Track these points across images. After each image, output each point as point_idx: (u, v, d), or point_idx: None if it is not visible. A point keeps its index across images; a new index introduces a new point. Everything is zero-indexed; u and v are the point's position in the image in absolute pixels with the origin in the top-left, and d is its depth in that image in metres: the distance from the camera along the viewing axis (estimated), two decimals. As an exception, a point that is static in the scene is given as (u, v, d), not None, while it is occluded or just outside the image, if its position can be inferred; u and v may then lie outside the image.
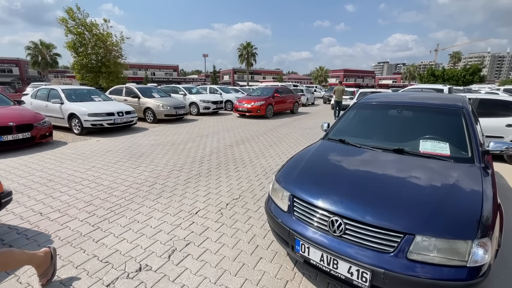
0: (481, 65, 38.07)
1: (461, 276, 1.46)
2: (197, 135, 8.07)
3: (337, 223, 1.77)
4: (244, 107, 12.07)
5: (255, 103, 11.90)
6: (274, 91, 12.90)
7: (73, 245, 2.52)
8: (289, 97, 14.18)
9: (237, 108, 12.40)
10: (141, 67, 57.45)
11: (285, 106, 13.81)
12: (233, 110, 12.95)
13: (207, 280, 2.13)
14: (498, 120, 5.54)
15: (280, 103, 13.28)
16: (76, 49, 16.89)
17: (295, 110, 14.66)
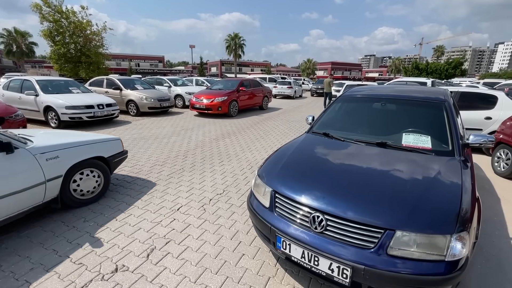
0: (462, 59, 39.18)
1: (439, 271, 1.46)
2: (182, 128, 7.88)
3: (319, 219, 1.73)
4: (202, 104, 9.79)
5: (215, 99, 9.69)
6: (238, 84, 10.74)
7: (45, 247, 2.38)
8: (257, 91, 12.05)
9: (194, 105, 10.05)
10: (125, 57, 55.40)
11: (252, 101, 11.68)
12: (189, 107, 10.51)
13: (186, 279, 2.06)
14: (477, 113, 5.70)
15: (247, 98, 11.17)
16: (52, 38, 16.03)
17: (265, 105, 12.73)
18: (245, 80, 11.64)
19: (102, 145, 3.30)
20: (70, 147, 2.90)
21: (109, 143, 3.41)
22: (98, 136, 3.40)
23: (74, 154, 2.92)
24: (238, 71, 59.28)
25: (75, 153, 2.93)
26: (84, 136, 3.32)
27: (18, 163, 2.41)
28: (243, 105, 11.05)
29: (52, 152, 2.70)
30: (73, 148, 2.92)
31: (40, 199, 2.63)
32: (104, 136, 3.44)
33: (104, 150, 3.29)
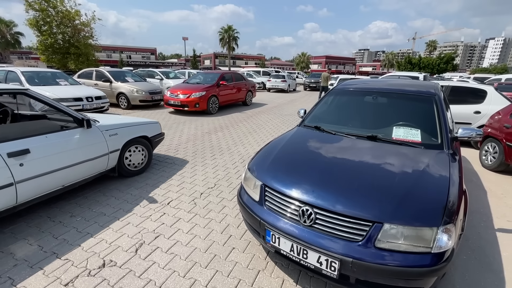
0: (454, 54, 39.65)
1: (425, 262, 1.47)
2: (174, 121, 7.77)
3: (308, 212, 1.72)
4: (178, 100, 8.65)
5: (192, 94, 8.55)
6: (219, 78, 9.69)
7: (30, 242, 2.32)
8: (240, 85, 10.93)
9: (168, 101, 8.89)
10: (116, 49, 54.09)
11: (235, 96, 10.66)
12: (164, 103, 9.35)
13: (175, 273, 2.04)
14: (467, 107, 5.78)
15: (228, 93, 10.13)
16: (39, 28, 15.46)
17: (248, 101, 11.67)
18: (226, 73, 10.43)
19: (147, 126, 3.92)
20: (125, 126, 3.55)
21: (151, 125, 4.03)
22: (142, 119, 4.06)
23: (127, 132, 3.56)
24: (232, 64, 58.65)
25: (128, 132, 3.58)
26: (133, 119, 3.99)
27: (92, 137, 3.06)
28: (224, 101, 9.98)
29: (113, 130, 3.34)
30: (126, 128, 3.56)
31: (104, 167, 3.28)
32: (148, 120, 4.11)
33: (148, 131, 3.93)
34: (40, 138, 2.58)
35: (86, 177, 3.09)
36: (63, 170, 2.73)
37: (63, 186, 2.83)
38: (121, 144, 3.45)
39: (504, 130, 4.19)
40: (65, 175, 2.78)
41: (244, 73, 19.80)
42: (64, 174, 2.76)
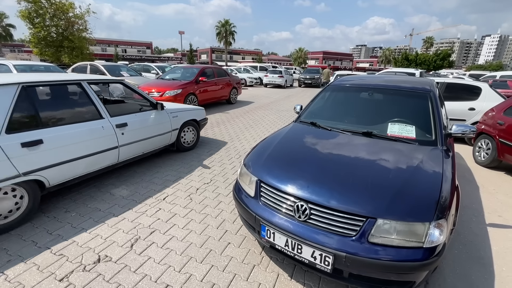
0: (450, 50, 39.84)
1: (417, 257, 1.50)
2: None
3: (302, 208, 1.73)
4: None
5: (166, 92, 7.41)
6: (198, 73, 8.54)
7: (24, 238, 2.31)
8: (223, 81, 9.78)
9: None
10: (111, 43, 53.30)
11: (217, 94, 9.52)
12: None
13: (171, 268, 2.05)
14: (462, 104, 5.82)
15: (209, 90, 8.96)
16: (31, 20, 15.17)
17: (233, 99, 10.59)
18: (207, 68, 9.32)
19: (196, 112, 4.83)
20: (182, 111, 4.46)
21: (199, 111, 4.94)
22: (193, 106, 4.99)
23: (183, 116, 4.46)
24: (228, 59, 58.21)
25: (184, 115, 4.47)
26: (185, 106, 4.94)
27: (162, 117, 4.00)
28: (205, 100, 8.73)
29: (175, 113, 4.26)
30: (183, 112, 4.47)
31: (168, 141, 4.23)
32: (196, 107, 5.00)
33: (197, 115, 4.83)
34: (133, 116, 3.53)
35: (156, 148, 4.03)
36: (145, 140, 3.68)
37: (143, 153, 3.77)
38: (179, 124, 4.37)
39: (498, 127, 4.24)
40: (146, 144, 3.73)
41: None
42: (145, 143, 3.71)
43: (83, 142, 2.87)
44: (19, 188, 2.43)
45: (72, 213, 2.72)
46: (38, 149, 2.48)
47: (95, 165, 3.08)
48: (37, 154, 2.47)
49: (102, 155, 3.08)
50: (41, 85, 2.76)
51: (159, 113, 3.94)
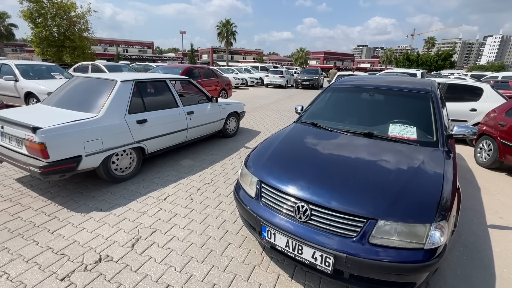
0: (452, 51, 39.74)
1: (418, 258, 1.50)
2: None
3: (303, 209, 1.74)
4: None
5: None
6: (181, 74, 7.58)
7: (25, 237, 2.32)
8: (210, 83, 8.95)
9: None
10: (112, 43, 53.42)
11: None
12: None
13: (172, 268, 2.05)
14: (463, 105, 5.81)
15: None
16: (33, 20, 15.21)
17: None
18: (192, 68, 8.46)
19: (237, 105, 5.82)
20: (228, 104, 5.48)
21: (240, 105, 5.92)
22: (235, 101, 5.93)
23: (229, 108, 5.50)
24: (230, 59, 58.23)
25: (229, 107, 5.52)
26: (229, 100, 5.86)
27: (215, 108, 5.02)
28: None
29: (223, 105, 5.30)
30: (228, 105, 5.49)
31: (217, 128, 5.28)
32: (238, 101, 5.99)
33: (238, 108, 5.84)
34: (196, 106, 4.59)
35: (209, 133, 5.08)
36: (203, 125, 4.73)
37: (200, 136, 4.80)
38: (226, 115, 5.39)
39: (499, 128, 4.23)
40: (204, 129, 4.79)
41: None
42: (203, 128, 4.76)
43: (168, 123, 3.94)
44: (132, 151, 3.51)
45: (73, 212, 2.73)
46: (144, 126, 3.56)
47: (173, 141, 4.13)
48: (144, 129, 3.56)
49: (178, 134, 4.15)
50: (144, 81, 3.82)
51: (213, 105, 4.98)
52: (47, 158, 2.64)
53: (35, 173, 2.65)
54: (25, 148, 2.75)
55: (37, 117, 2.96)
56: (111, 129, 3.17)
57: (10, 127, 2.83)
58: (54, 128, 2.70)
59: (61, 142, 2.73)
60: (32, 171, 2.64)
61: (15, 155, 2.82)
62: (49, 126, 2.69)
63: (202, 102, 4.83)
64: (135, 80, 3.61)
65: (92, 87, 3.65)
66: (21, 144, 2.78)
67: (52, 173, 2.72)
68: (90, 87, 3.67)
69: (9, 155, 2.84)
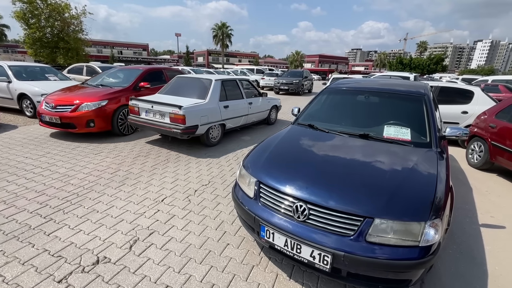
0: (444, 55, 40.56)
1: (414, 255, 1.54)
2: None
3: (301, 208, 1.76)
4: (57, 115, 5.02)
5: (83, 105, 5.04)
6: (138, 77, 6.14)
7: (20, 240, 2.29)
8: None
9: (43, 115, 5.20)
10: (107, 44, 53.04)
11: None
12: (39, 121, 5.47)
13: (170, 269, 2.05)
14: (455, 107, 5.94)
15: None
16: (26, 20, 15.02)
17: None
18: (154, 70, 6.68)
19: (277, 100, 7.61)
20: (271, 99, 7.20)
21: (278, 100, 7.74)
22: (275, 97, 7.85)
23: (272, 102, 7.27)
24: (225, 61, 58.30)
25: (272, 101, 7.25)
26: (271, 96, 7.43)
27: (264, 101, 6.76)
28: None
29: (268, 100, 6.99)
30: (272, 99, 7.23)
31: (264, 117, 6.96)
32: (277, 97, 7.94)
33: (277, 103, 7.65)
34: (252, 98, 6.29)
35: (259, 120, 6.79)
36: (256, 113, 6.44)
37: (252, 122, 6.46)
38: (270, 107, 7.17)
39: (490, 130, 4.34)
40: (256, 116, 6.52)
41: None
42: (256, 115, 6.48)
43: (238, 109, 5.73)
44: (219, 126, 5.25)
45: (69, 214, 2.71)
46: (227, 110, 5.31)
47: (239, 122, 5.90)
48: (226, 112, 5.30)
49: (243, 117, 5.94)
50: (225, 80, 5.60)
51: (263, 99, 6.76)
52: (184, 124, 4.40)
53: (176, 134, 4.45)
54: (168, 119, 4.51)
55: (172, 100, 4.70)
56: (211, 110, 4.96)
57: (158, 106, 4.60)
58: (189, 107, 4.50)
59: (191, 115, 4.50)
60: (175, 132, 4.43)
61: (160, 124, 4.60)
62: (186, 105, 4.49)
63: (256, 96, 6.54)
64: (221, 79, 5.44)
65: (196, 83, 5.57)
66: (164, 116, 4.58)
67: (185, 134, 4.45)
68: (194, 83, 5.59)
69: (155, 124, 4.66)
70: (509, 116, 4.15)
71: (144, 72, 6.40)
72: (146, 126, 4.76)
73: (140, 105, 4.81)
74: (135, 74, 6.29)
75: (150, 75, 6.54)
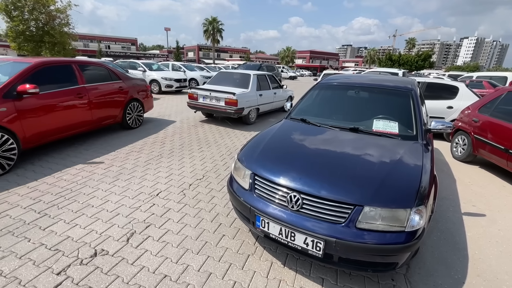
0: (431, 51, 41.43)
1: (400, 240, 1.65)
2: (159, 114, 7.65)
3: (295, 198, 1.84)
4: None
5: None
6: (19, 75, 3.61)
7: (15, 235, 2.29)
8: (103, 90, 5.03)
9: None
10: (94, 38, 51.53)
11: (85, 117, 4.63)
12: None
13: (168, 260, 2.11)
14: (441, 102, 6.16)
15: (58, 111, 4.09)
16: (8, 12, 14.42)
17: (133, 121, 5.89)
18: (54, 65, 4.25)
19: (291, 92, 9.32)
20: (288, 90, 9.08)
21: (292, 91, 9.40)
22: (289, 89, 9.55)
23: (288, 93, 9.06)
24: (216, 56, 57.75)
25: (288, 93, 9.03)
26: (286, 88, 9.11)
27: (283, 92, 8.63)
28: (46, 133, 3.95)
29: (286, 91, 8.93)
30: (287, 91, 9.05)
31: (282, 105, 8.14)
32: (290, 89, 9.51)
33: (291, 93, 9.20)
34: (276, 90, 8.08)
35: (278, 107, 8.30)
36: (278, 101, 8.17)
37: (275, 108, 8.17)
38: (287, 96, 8.79)
39: (473, 124, 4.54)
40: (277, 104, 8.17)
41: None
42: (277, 103, 8.16)
43: (267, 97, 7.40)
44: (255, 110, 6.99)
45: (64, 209, 2.71)
46: (261, 97, 7.05)
47: (267, 108, 7.64)
48: (261, 99, 7.05)
49: (269, 104, 7.64)
50: (259, 75, 7.31)
51: (283, 90, 8.53)
52: (236, 106, 6.09)
53: (230, 113, 6.20)
54: (223, 102, 6.20)
55: (225, 88, 6.50)
56: (252, 97, 6.67)
57: (215, 93, 6.30)
58: (240, 93, 6.21)
59: (241, 99, 6.20)
60: (229, 111, 6.17)
61: (216, 106, 6.34)
62: (238, 92, 6.19)
63: (277, 88, 8.19)
64: (257, 74, 7.25)
65: (237, 76, 7.33)
66: (219, 101, 6.28)
67: (236, 113, 6.17)
68: (236, 76, 7.35)
69: (211, 106, 6.43)
70: (490, 111, 4.35)
71: (30, 69, 3.81)
72: (204, 108, 6.66)
73: (198, 93, 6.53)
74: (18, 68, 3.78)
75: (44, 73, 4.02)
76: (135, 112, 5.94)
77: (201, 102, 6.56)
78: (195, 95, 6.61)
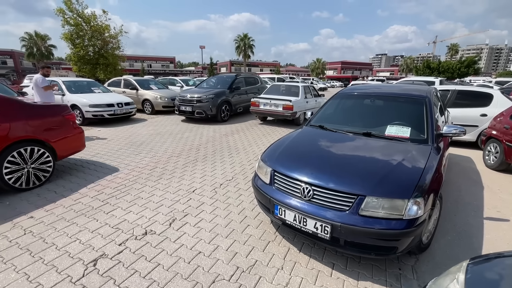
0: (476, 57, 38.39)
1: (399, 226, 1.89)
2: (194, 125, 8.43)
3: (307, 190, 2.18)
4: None
5: None
6: None
7: (87, 216, 2.93)
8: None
9: None
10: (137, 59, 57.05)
11: None
12: None
13: (202, 241, 2.55)
14: (474, 110, 5.95)
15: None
16: (73, 41, 16.98)
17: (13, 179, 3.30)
18: None
19: (324, 99, 9.67)
20: (321, 98, 10.24)
21: (324, 99, 9.58)
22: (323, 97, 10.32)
23: (321, 101, 9.57)
24: (247, 71, 59.87)
25: (321, 101, 9.79)
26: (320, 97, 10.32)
27: (320, 99, 10.01)
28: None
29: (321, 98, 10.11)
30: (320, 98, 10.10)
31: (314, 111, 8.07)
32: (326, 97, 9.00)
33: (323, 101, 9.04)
34: (316, 98, 9.73)
35: None
36: (317, 108, 8.07)
37: None
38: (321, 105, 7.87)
39: (504, 131, 4.41)
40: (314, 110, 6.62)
41: None
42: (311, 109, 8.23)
43: (311, 103, 9.10)
44: (303, 114, 8.69)
45: (121, 200, 3.33)
46: (307, 104, 8.89)
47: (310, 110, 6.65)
48: (307, 104, 8.87)
49: (312, 109, 8.01)
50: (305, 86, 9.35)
51: (318, 98, 9.75)
52: (292, 110, 7.96)
53: (287, 116, 8.06)
54: (281, 108, 8.09)
55: (281, 97, 8.46)
56: (302, 103, 8.46)
57: (274, 101, 8.24)
58: (294, 100, 8.10)
59: (295, 105, 8.06)
60: (286, 115, 8.05)
61: (275, 111, 8.21)
62: (293, 100, 8.08)
63: (316, 96, 9.76)
64: (303, 85, 9.15)
65: (290, 87, 9.09)
66: (278, 107, 8.16)
67: (291, 116, 8.06)
68: (289, 87, 9.11)
69: (271, 111, 8.34)
70: (524, 117, 4.21)
71: None
72: (264, 113, 8.62)
73: (260, 101, 8.48)
74: None
75: None
76: (32, 163, 3.52)
77: (262, 108, 8.47)
78: (257, 103, 8.54)
